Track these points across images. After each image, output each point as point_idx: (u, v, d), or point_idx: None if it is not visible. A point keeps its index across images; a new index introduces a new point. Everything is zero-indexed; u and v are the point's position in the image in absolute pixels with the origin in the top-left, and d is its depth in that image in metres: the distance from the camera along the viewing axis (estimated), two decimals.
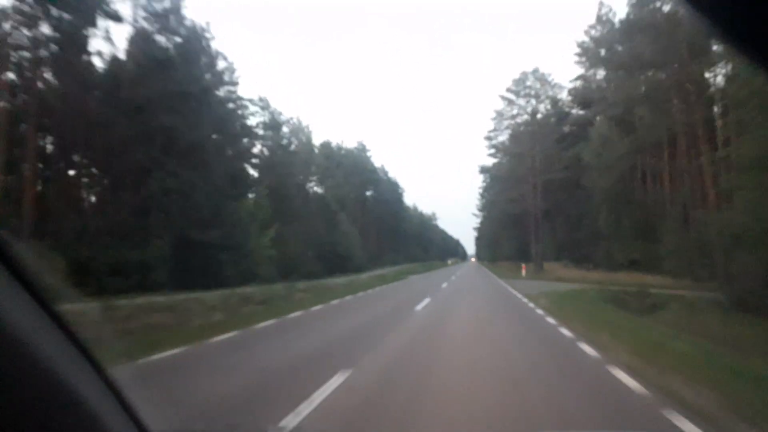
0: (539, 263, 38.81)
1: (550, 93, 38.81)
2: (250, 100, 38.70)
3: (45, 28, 21.17)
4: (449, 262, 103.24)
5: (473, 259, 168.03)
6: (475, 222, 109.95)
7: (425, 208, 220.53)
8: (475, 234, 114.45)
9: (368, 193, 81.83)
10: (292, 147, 57.76)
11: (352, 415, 4.45)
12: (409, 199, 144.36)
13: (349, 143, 74.39)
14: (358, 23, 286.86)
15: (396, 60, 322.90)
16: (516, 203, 42.56)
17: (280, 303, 15.26)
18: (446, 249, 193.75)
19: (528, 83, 38.69)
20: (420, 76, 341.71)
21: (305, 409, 4.47)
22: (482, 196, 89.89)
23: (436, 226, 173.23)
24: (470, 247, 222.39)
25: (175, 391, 5.22)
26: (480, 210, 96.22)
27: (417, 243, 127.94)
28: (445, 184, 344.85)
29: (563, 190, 46.76)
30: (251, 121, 44.14)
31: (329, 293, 19.06)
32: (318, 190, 66.00)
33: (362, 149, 72.98)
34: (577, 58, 37.34)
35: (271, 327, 10.43)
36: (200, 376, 6.17)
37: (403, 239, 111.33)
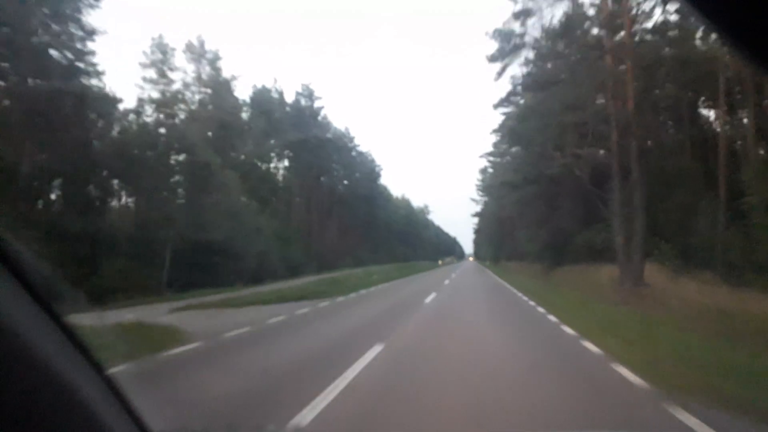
0: (634, 271, 15.81)
1: None
2: None
3: None
4: (440, 262, 78.83)
5: (471, 258, 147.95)
6: (475, 218, 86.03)
7: (421, 203, 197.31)
8: (474, 228, 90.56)
9: (330, 171, 58.56)
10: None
11: None
12: (405, 196, 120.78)
13: (292, 90, 50.80)
14: (362, 24, 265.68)
15: (394, 60, 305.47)
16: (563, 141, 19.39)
17: None
18: (441, 247, 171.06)
19: None
20: (418, 75, 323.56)
21: None
22: (482, 179, 67.02)
23: (429, 221, 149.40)
24: (468, 247, 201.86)
25: None
26: (482, 194, 72.92)
27: (403, 239, 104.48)
28: (445, 185, 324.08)
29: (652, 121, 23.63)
30: None
31: None
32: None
33: (308, 95, 49.50)
34: None
35: None
36: None
37: (382, 233, 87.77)
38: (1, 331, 0.72)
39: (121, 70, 61.55)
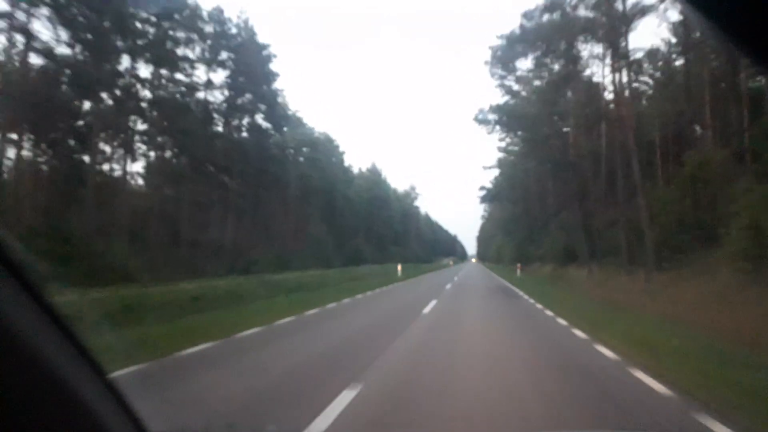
0: None
1: None
2: None
3: None
4: (399, 268, 38.32)
5: (474, 260, 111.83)
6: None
7: (430, 209, 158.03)
8: (481, 196, 51.01)
9: None
10: None
11: None
12: (376, 167, 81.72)
13: None
14: (369, 32, 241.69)
15: (402, 65, 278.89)
16: None
17: None
18: (438, 245, 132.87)
19: None
20: (421, 79, 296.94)
21: None
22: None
23: (418, 211, 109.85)
24: (471, 248, 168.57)
25: None
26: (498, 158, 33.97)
27: (364, 231, 65.97)
28: (446, 186, 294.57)
29: None
30: None
31: None
32: None
33: None
34: None
35: None
36: None
37: (303, 214, 49.09)
38: (1, 331, 0.70)
39: None
